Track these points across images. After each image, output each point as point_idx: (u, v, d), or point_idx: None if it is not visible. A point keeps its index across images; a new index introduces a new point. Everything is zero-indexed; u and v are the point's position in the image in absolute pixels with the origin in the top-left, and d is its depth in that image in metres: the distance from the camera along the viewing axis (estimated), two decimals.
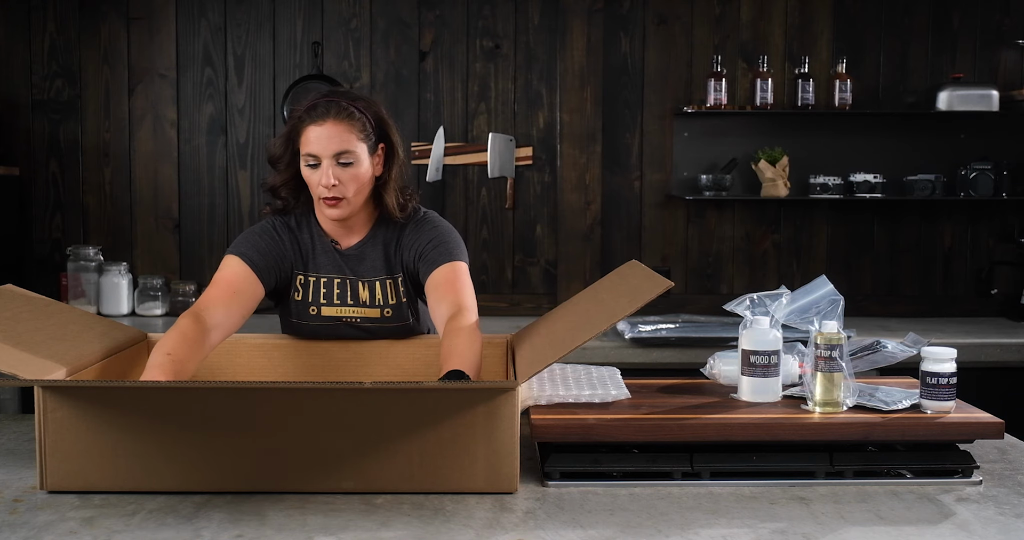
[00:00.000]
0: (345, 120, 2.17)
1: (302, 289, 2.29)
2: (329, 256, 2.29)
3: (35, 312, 2.08)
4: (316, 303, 2.29)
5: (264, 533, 1.62)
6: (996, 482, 1.90)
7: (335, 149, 2.16)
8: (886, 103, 4.20)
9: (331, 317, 2.29)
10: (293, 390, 1.78)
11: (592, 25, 4.16)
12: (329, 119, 2.16)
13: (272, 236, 2.28)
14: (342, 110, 2.18)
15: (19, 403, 3.60)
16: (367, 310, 2.29)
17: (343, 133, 2.17)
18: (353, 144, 2.18)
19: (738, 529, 1.65)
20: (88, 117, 4.17)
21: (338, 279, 2.28)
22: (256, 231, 2.29)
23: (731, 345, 2.34)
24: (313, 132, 2.17)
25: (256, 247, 2.25)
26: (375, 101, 2.29)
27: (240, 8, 4.15)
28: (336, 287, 2.28)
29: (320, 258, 2.29)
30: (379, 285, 2.28)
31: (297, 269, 2.29)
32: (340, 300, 2.28)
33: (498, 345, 2.32)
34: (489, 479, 1.79)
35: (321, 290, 2.28)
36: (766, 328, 2.00)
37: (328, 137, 2.16)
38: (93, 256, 4.09)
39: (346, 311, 2.29)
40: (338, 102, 2.19)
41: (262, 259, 2.24)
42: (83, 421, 1.77)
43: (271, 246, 2.26)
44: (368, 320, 2.29)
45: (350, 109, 2.19)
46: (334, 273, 2.29)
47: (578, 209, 4.21)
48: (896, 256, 4.28)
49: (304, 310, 2.29)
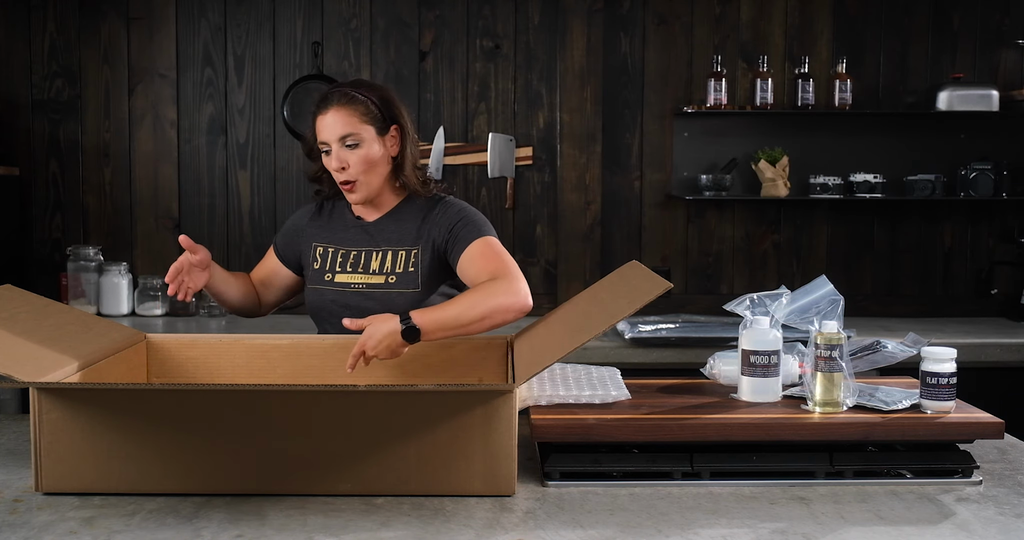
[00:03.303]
0: (347, 105, 2.32)
1: (320, 259, 2.44)
2: (353, 231, 2.44)
3: (33, 312, 2.08)
4: (332, 270, 2.42)
5: (264, 533, 1.62)
6: (996, 482, 1.90)
7: (340, 132, 2.31)
8: (886, 103, 4.20)
9: (342, 283, 2.39)
10: (289, 392, 1.78)
11: (592, 25, 4.16)
12: (332, 106, 2.33)
13: (296, 218, 2.53)
14: (343, 96, 2.34)
15: (19, 403, 3.59)
16: (373, 277, 2.37)
17: (345, 117, 2.31)
18: (356, 126, 2.32)
19: (738, 529, 1.65)
20: (88, 117, 4.17)
21: (355, 251, 2.41)
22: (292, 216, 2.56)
23: (731, 345, 2.34)
24: (321, 122, 2.34)
25: (283, 231, 2.55)
26: (385, 87, 2.43)
27: (240, 8, 4.15)
28: (352, 257, 2.41)
29: (343, 232, 2.45)
30: (391, 254, 2.38)
31: (316, 241, 2.46)
32: (352, 268, 2.40)
33: (498, 345, 2.31)
34: (487, 482, 1.78)
35: (338, 259, 2.42)
36: (766, 328, 2.00)
37: (332, 123, 2.32)
38: (93, 256, 4.09)
39: (356, 278, 2.38)
40: (342, 90, 2.35)
41: (282, 239, 2.53)
42: (78, 423, 1.77)
43: (289, 229, 2.53)
44: (372, 286, 2.36)
45: (352, 94, 2.34)
46: (353, 246, 2.42)
47: (578, 209, 4.21)
48: (896, 256, 4.28)
49: (320, 277, 2.43)
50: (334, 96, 2.34)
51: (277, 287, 2.54)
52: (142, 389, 1.81)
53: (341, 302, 2.37)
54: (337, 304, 2.38)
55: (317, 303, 2.43)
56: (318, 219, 2.49)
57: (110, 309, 4.06)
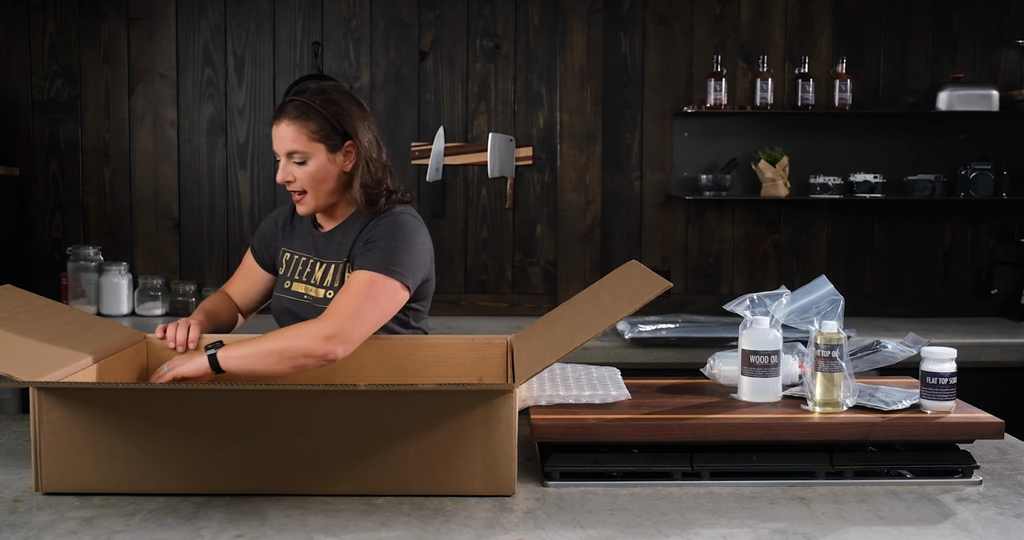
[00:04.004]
0: (298, 120, 2.24)
1: (285, 264, 2.42)
2: (310, 237, 2.40)
3: (33, 312, 2.08)
4: (292, 278, 2.39)
5: (264, 533, 1.62)
6: (996, 482, 1.90)
7: (287, 148, 2.25)
8: (886, 103, 4.20)
9: (296, 292, 2.37)
10: (289, 392, 1.78)
11: (592, 25, 4.16)
12: (284, 119, 2.25)
13: (271, 220, 2.51)
14: (297, 109, 2.24)
15: (19, 403, 3.59)
16: (317, 290, 2.33)
17: (294, 134, 2.24)
18: (303, 144, 2.24)
19: (738, 529, 1.65)
20: (88, 117, 4.17)
21: (311, 260, 2.38)
22: (266, 219, 2.54)
23: (731, 345, 2.34)
24: (274, 131, 2.27)
25: (258, 232, 2.52)
26: (348, 98, 2.30)
27: (240, 8, 4.15)
28: (306, 265, 2.37)
29: (303, 238, 2.41)
30: (333, 268, 2.33)
31: (284, 247, 2.44)
32: (306, 278, 2.36)
33: (498, 346, 2.31)
34: (486, 482, 1.78)
35: (297, 267, 2.39)
36: (766, 328, 2.00)
37: (281, 137, 2.25)
38: (93, 256, 4.09)
39: (305, 288, 2.36)
40: (299, 102, 2.25)
41: (259, 242, 2.50)
42: (78, 423, 1.77)
43: (264, 230, 2.50)
44: (316, 300, 2.32)
45: (306, 109, 2.24)
46: (307, 253, 2.39)
47: (578, 209, 4.21)
48: (896, 256, 4.28)
49: (282, 283, 2.41)
50: (289, 107, 2.25)
51: (258, 290, 2.50)
52: (142, 389, 1.81)
53: (294, 311, 2.34)
54: (291, 313, 2.35)
55: (275, 309, 2.41)
56: (289, 224, 2.45)
57: (110, 309, 4.06)
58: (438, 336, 2.36)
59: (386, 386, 1.77)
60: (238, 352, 2.07)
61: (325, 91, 2.29)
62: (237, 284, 2.51)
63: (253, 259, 2.50)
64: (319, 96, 2.27)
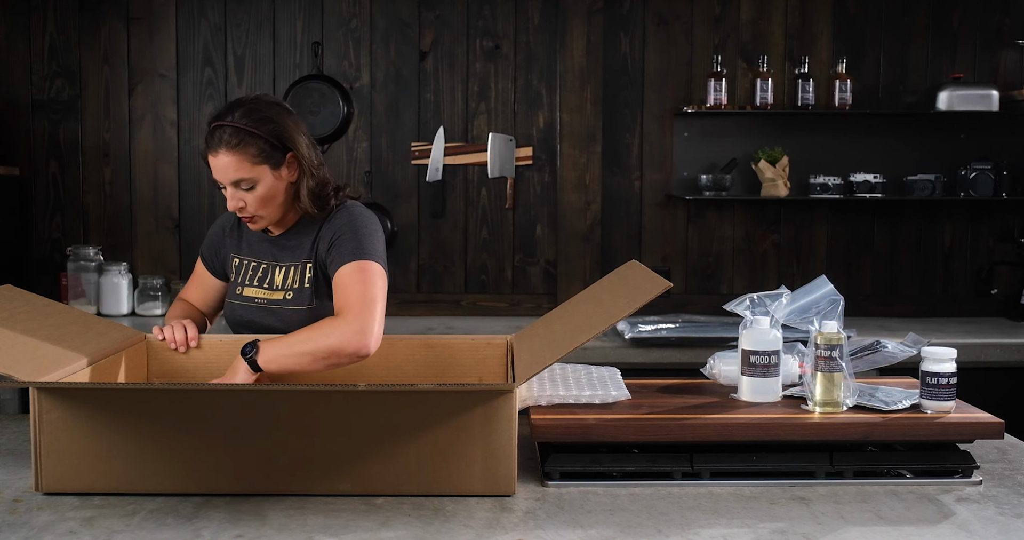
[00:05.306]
0: (236, 149, 2.18)
1: (236, 271, 2.40)
2: (262, 243, 2.38)
3: (33, 312, 2.08)
4: (242, 283, 2.38)
5: (264, 533, 1.62)
6: (996, 482, 1.90)
7: (231, 178, 2.21)
8: (886, 103, 4.20)
9: (248, 297, 2.36)
10: (289, 392, 1.78)
11: (592, 25, 4.16)
12: (221, 150, 2.19)
13: (218, 227, 2.47)
14: (233, 137, 2.18)
15: (19, 403, 3.59)
16: (273, 293, 2.33)
17: (235, 163, 2.19)
18: (247, 170, 2.20)
19: (738, 529, 1.65)
20: (88, 117, 4.17)
21: (264, 264, 2.37)
22: (212, 226, 2.51)
23: (731, 345, 2.34)
24: (212, 162, 2.21)
25: (206, 240, 2.49)
26: (275, 109, 2.26)
27: (240, 8, 4.15)
28: (260, 271, 2.37)
29: (255, 244, 2.39)
30: (291, 270, 2.32)
31: (233, 252, 2.42)
32: (258, 282, 2.36)
33: (498, 346, 2.31)
34: (486, 482, 1.78)
35: (248, 273, 2.38)
36: (766, 328, 2.00)
37: (223, 167, 2.20)
38: (93, 256, 4.09)
39: (259, 292, 2.34)
40: (232, 129, 2.19)
41: (208, 250, 2.47)
42: (78, 422, 1.77)
43: (213, 237, 2.47)
44: (272, 302, 2.32)
45: (242, 135, 2.18)
46: (262, 258, 2.38)
47: (578, 209, 4.21)
48: (896, 256, 4.28)
49: (233, 289, 2.40)
50: (224, 136, 2.18)
51: (214, 297, 2.47)
52: (142, 389, 1.81)
53: (247, 317, 2.34)
54: (244, 319, 2.35)
55: (229, 316, 2.40)
56: (236, 229, 2.42)
57: (110, 309, 4.06)
58: (438, 336, 2.36)
59: (386, 386, 1.77)
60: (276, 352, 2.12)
61: (253, 109, 2.22)
62: (193, 292, 2.48)
63: (204, 268, 2.47)
64: (249, 117, 2.20)
